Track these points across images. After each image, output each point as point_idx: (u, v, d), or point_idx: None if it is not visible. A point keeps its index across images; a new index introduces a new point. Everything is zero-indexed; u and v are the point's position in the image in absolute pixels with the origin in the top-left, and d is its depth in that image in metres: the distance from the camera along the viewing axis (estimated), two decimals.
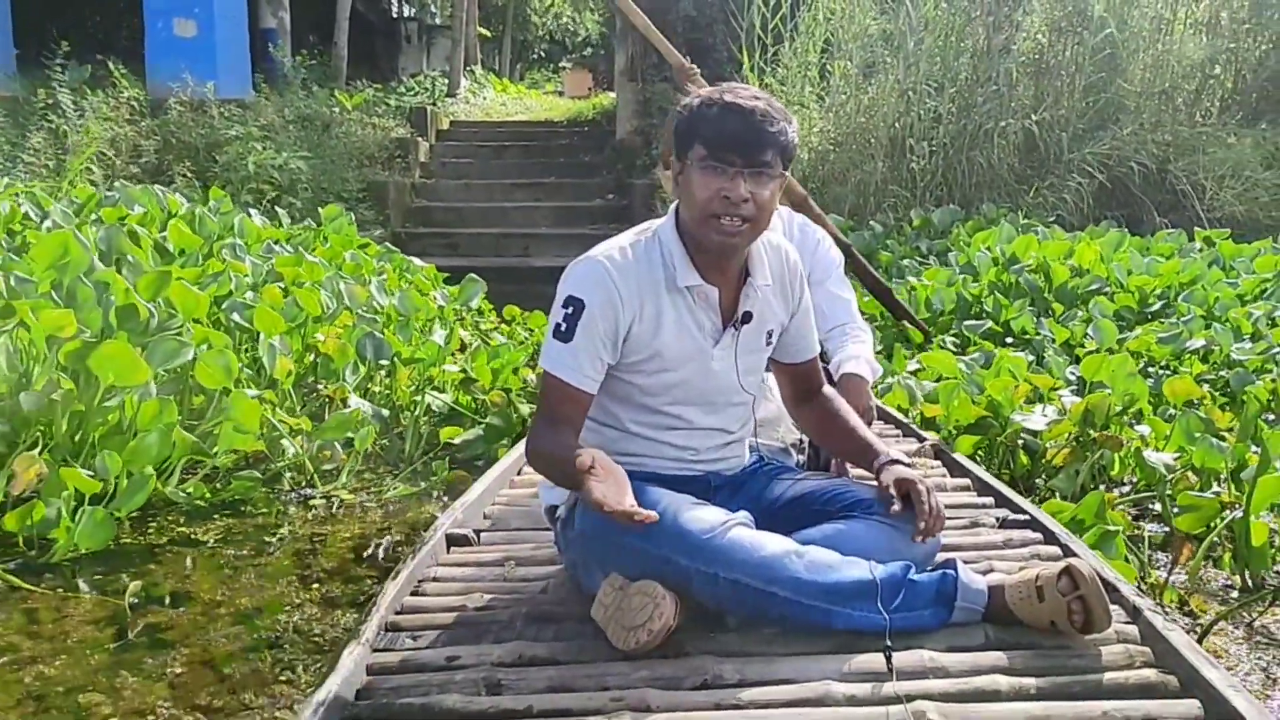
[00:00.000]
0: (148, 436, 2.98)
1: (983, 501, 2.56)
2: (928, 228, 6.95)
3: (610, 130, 12.67)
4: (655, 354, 1.88)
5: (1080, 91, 8.50)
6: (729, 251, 1.85)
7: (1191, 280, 4.94)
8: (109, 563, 2.78)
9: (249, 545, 2.93)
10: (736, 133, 1.76)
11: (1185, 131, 8.25)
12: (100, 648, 2.31)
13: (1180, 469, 3.21)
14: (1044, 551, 2.16)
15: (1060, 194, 7.81)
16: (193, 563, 2.82)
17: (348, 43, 13.79)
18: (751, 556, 1.72)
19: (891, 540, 1.86)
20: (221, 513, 3.17)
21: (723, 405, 1.98)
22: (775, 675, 1.62)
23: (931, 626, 1.74)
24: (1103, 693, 1.57)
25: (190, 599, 2.58)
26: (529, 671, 1.67)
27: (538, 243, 10.23)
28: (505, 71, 19.51)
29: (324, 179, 10.00)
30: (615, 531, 1.74)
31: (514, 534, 2.37)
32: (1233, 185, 7.58)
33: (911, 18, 8.63)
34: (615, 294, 1.82)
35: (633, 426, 1.95)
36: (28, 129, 9.40)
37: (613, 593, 1.78)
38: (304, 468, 3.43)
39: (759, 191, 1.78)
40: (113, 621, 2.44)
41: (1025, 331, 4.49)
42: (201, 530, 3.03)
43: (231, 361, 3.28)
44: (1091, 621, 1.68)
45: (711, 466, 2.01)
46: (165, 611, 2.50)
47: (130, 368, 2.93)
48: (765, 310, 1.96)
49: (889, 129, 8.39)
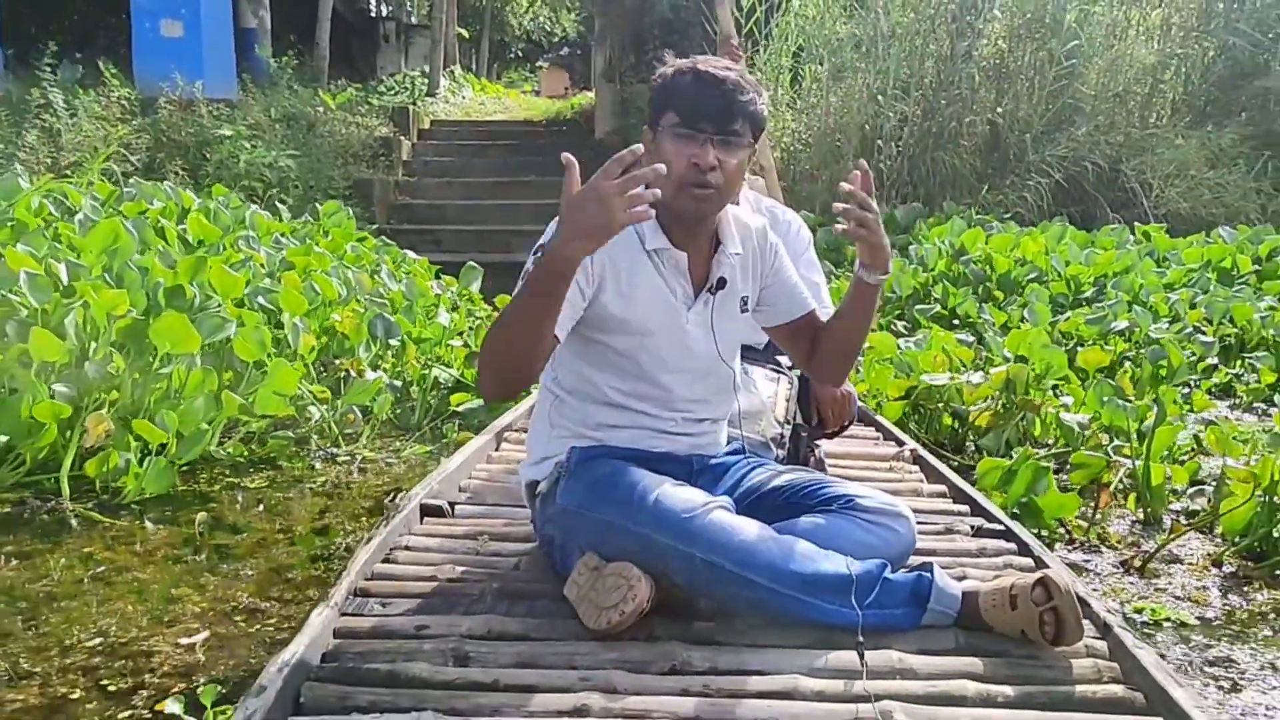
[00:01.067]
0: (196, 400, 3.53)
1: (958, 509, 2.65)
2: (892, 223, 7.57)
3: (589, 130, 13.22)
4: (628, 313, 1.92)
5: (1039, 95, 9.16)
6: (699, 217, 1.92)
7: (1125, 270, 5.57)
8: (169, 504, 3.31)
9: (291, 490, 3.49)
10: (708, 101, 1.84)
11: (1136, 133, 8.93)
12: (180, 560, 2.85)
13: (1093, 428, 3.81)
14: (1017, 562, 2.23)
15: (1019, 192, 8.46)
16: (243, 503, 3.36)
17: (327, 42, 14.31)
18: (731, 540, 1.76)
19: (868, 537, 1.91)
20: (259, 467, 3.72)
21: (702, 375, 2.03)
22: (745, 665, 1.67)
23: (904, 626, 1.79)
24: (1069, 705, 1.62)
25: (248, 528, 3.13)
26: (498, 645, 1.71)
27: (520, 239, 10.72)
28: (483, 71, 20.07)
29: (311, 177, 10.50)
30: (598, 507, 1.84)
31: (489, 509, 2.45)
32: (1178, 184, 8.25)
33: (880, 24, 9.27)
34: None
35: (612, 395, 1.99)
36: (21, 127, 9.85)
37: (587, 572, 1.83)
38: (328, 431, 3.98)
39: (727, 160, 1.86)
40: (186, 544, 2.98)
41: (969, 315, 5.11)
42: (246, 480, 3.57)
43: (266, 336, 3.84)
44: (1063, 633, 1.72)
45: (692, 445, 2.06)
46: (230, 536, 3.05)
47: (185, 338, 3.47)
48: (736, 279, 2.03)
49: (858, 130, 9.02)
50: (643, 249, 1.94)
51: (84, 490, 3.31)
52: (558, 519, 1.97)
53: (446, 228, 10.91)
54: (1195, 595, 2.74)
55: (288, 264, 5.14)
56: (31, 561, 2.80)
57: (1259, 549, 2.96)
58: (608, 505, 1.85)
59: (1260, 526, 2.93)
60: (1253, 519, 2.96)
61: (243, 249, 5.14)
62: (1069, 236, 6.25)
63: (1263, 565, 2.89)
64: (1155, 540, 3.06)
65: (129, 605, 2.53)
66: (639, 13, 12.46)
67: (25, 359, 3.35)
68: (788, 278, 2.11)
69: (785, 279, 2.11)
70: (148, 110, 10.66)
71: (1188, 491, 3.37)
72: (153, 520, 3.19)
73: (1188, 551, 3.05)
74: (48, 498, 3.23)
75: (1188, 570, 2.91)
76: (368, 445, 3.97)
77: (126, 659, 2.24)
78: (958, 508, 2.65)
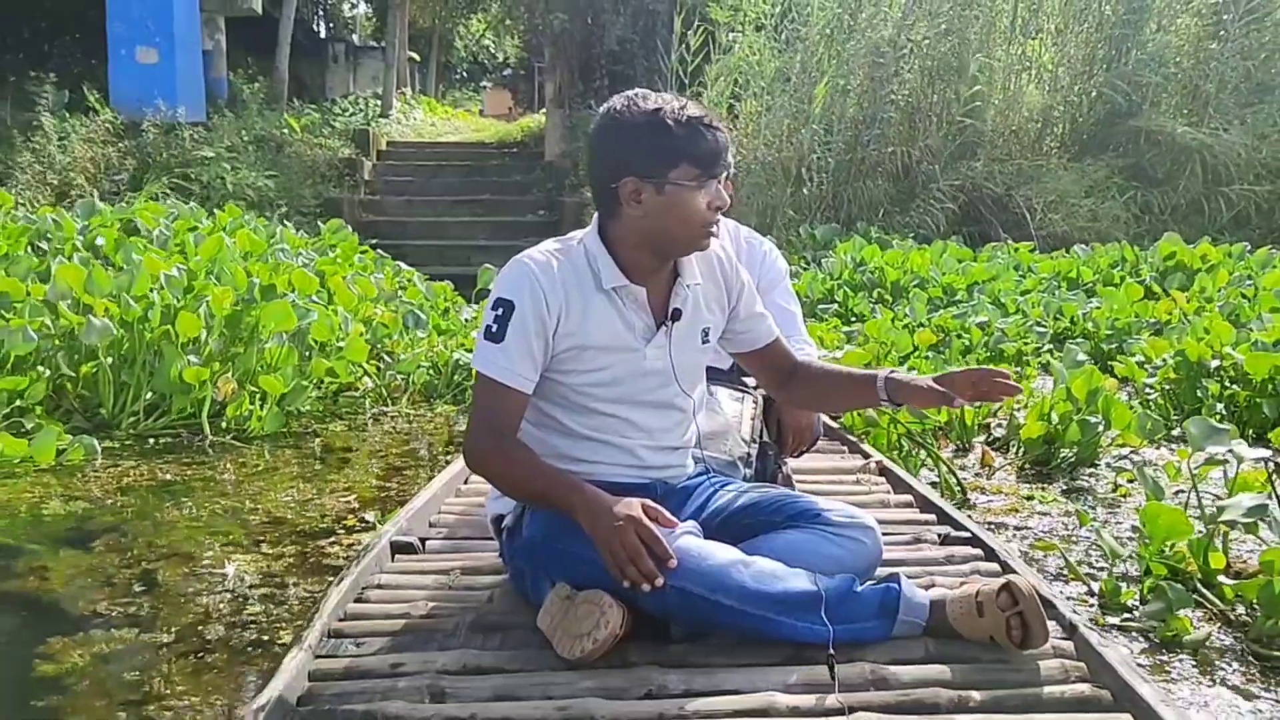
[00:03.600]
0: (287, 367, 5.10)
1: (925, 518, 2.81)
2: (813, 241, 9.36)
3: (539, 152, 14.90)
4: (584, 351, 2.04)
5: (946, 130, 11.08)
6: (686, 254, 2.09)
7: (992, 278, 7.39)
8: (282, 440, 4.87)
9: (362, 433, 5.08)
10: (714, 144, 1.98)
11: (1027, 165, 10.87)
12: (308, 469, 4.44)
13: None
14: (984, 568, 2.37)
15: (924, 215, 10.33)
16: (331, 439, 4.95)
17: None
18: (699, 565, 1.86)
19: (836, 550, 2.04)
20: (332, 419, 5.30)
21: (663, 406, 2.15)
22: (720, 686, 1.76)
23: (875, 639, 1.90)
24: (1039, 706, 1.73)
25: (346, 450, 4.73)
26: (474, 680, 1.79)
27: (479, 253, 12.30)
28: (431, 91, 21.71)
29: (285, 196, 12.01)
30: (563, 539, 1.96)
31: (460, 543, 2.59)
32: (1060, 209, 10.18)
33: (809, 67, 11.12)
34: (541, 292, 1.99)
35: (574, 427, 2.12)
36: (13, 148, 11.25)
37: (559, 602, 1.91)
38: (378, 395, 5.58)
39: (729, 193, 2.08)
40: (298, 461, 4.56)
41: (863, 314, 6.87)
42: (327, 427, 5.15)
43: (335, 322, 5.43)
44: (1029, 637, 1.84)
45: (658, 474, 2.18)
46: (338, 456, 4.65)
47: (287, 319, 5.05)
48: (697, 309, 2.16)
49: (789, 161, 10.82)
50: (600, 288, 2.06)
51: (222, 429, 4.87)
52: (525, 552, 2.10)
53: (410, 243, 12.40)
54: (1006, 488, 4.46)
55: (319, 271, 6.72)
56: (193, 471, 4.35)
57: (1043, 459, 4.65)
58: (572, 537, 1.95)
59: (1044, 444, 4.64)
60: (1039, 438, 4.66)
61: (281, 259, 6.71)
62: (949, 252, 8.10)
63: (1049, 467, 4.58)
64: (973, 458, 4.80)
65: (277, 492, 4.13)
66: (587, 45, 14.17)
67: (170, 337, 4.91)
68: (754, 308, 2.27)
69: (748, 309, 2.26)
70: (131, 133, 12.08)
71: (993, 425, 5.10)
72: (270, 448, 4.76)
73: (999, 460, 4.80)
74: (195, 433, 4.79)
75: (1003, 472, 4.66)
76: (408, 406, 5.57)
77: (278, 521, 3.85)
78: (924, 517, 2.83)
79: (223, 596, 2.97)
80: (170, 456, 4.51)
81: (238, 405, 4.82)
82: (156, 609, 2.86)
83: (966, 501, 3.81)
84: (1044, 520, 3.61)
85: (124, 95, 12.71)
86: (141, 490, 4.02)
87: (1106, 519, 3.58)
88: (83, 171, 11.37)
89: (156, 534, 3.52)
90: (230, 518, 3.71)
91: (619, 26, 13.78)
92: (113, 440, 4.62)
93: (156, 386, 4.82)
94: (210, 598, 2.95)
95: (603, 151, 2.05)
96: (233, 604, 2.91)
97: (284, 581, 3.08)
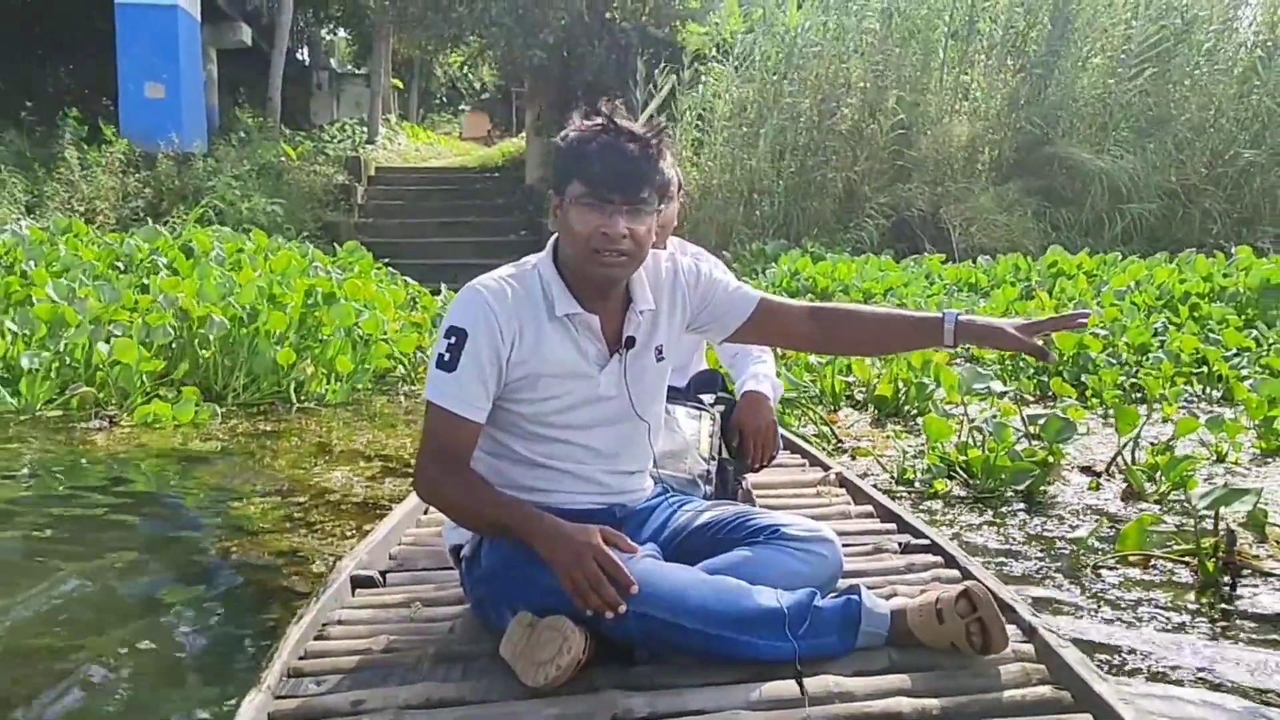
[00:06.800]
0: (346, 354, 7.19)
1: (885, 528, 2.95)
2: (762, 255, 11.55)
3: (519, 177, 17.05)
4: (538, 379, 2.15)
5: (883, 156, 13.32)
6: (610, 283, 2.15)
7: (904, 284, 9.56)
8: (347, 409, 6.95)
9: (400, 404, 7.17)
10: (615, 171, 2.01)
11: (954, 187, 13.11)
12: (364, 422, 6.52)
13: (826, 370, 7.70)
14: (944, 575, 2.51)
15: (862, 231, 12.53)
16: (379, 409, 7.03)
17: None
18: (658, 589, 1.97)
19: (797, 565, 2.17)
20: (377, 395, 7.38)
21: (620, 431, 2.27)
22: (685, 706, 1.88)
23: (838, 653, 2.03)
24: (1001, 711, 1.88)
25: (391, 415, 6.82)
26: (437, 713, 1.88)
27: (465, 271, 14.20)
28: (413, 117, 23.88)
29: (289, 220, 14.06)
30: (523, 566, 2.07)
31: (420, 574, 2.67)
32: (978, 225, 12.41)
33: (763, 98, 13.35)
34: (494, 320, 2.10)
35: (530, 455, 2.23)
36: (40, 179, 13.29)
37: (521, 629, 2.02)
38: (409, 377, 7.68)
39: (637, 227, 2.06)
40: (364, 421, 6.64)
41: None
42: (375, 399, 7.24)
43: (383, 318, 7.54)
44: (989, 642, 2.00)
45: (616, 498, 2.29)
46: (385, 419, 6.74)
47: (348, 317, 7.15)
48: (651, 332, 2.27)
49: (742, 183, 13.01)
50: (553, 316, 2.15)
51: (317, 399, 6.94)
52: (486, 581, 2.20)
53: (404, 262, 14.42)
54: (865, 432, 6.60)
55: (353, 284, 8.82)
56: (285, 425, 6.42)
57: (891, 410, 6.76)
58: (532, 564, 2.05)
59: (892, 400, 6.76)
60: (890, 396, 6.78)
61: (319, 273, 8.81)
62: (871, 263, 10.29)
63: (896, 416, 6.74)
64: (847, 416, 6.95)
65: (352, 436, 6.23)
66: (564, 77, 16.27)
67: (261, 331, 6.99)
68: (720, 288, 2.35)
69: (718, 290, 2.34)
70: (146, 164, 14.13)
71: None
72: (339, 412, 6.84)
73: (859, 416, 6.97)
74: (284, 401, 6.86)
75: (860, 421, 6.81)
76: None
77: (356, 452, 5.95)
78: (885, 526, 2.97)
79: (335, 480, 5.04)
80: (267, 417, 6.60)
81: (319, 383, 6.91)
82: (281, 491, 4.95)
83: (840, 446, 5.97)
84: (890, 447, 5.79)
85: (134, 128, 14.81)
86: (252, 435, 6.10)
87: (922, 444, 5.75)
88: (105, 199, 13.42)
89: (269, 461, 5.60)
90: (320, 451, 5.82)
91: (595, 58, 15.78)
92: (221, 406, 6.70)
93: (253, 368, 6.91)
94: (327, 481, 5.03)
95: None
96: (343, 485, 4.97)
97: (379, 479, 5.16)
